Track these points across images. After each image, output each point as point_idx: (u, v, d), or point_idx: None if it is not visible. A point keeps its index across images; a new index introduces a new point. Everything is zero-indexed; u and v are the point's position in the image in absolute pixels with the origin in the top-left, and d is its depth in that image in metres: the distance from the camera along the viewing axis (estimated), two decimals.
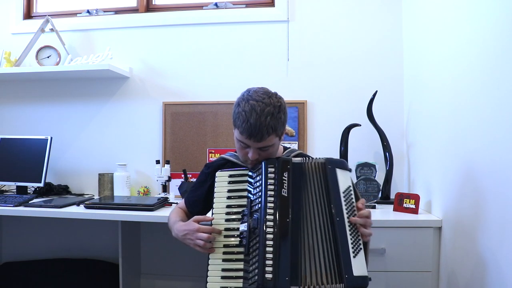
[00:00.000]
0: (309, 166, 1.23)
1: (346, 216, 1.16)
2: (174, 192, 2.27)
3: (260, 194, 1.17)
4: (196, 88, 2.45)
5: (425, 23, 1.94)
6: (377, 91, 2.16)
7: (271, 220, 1.12)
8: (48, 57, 2.46)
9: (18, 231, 2.55)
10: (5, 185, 2.41)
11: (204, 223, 1.23)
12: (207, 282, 1.16)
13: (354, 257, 1.11)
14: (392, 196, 2.09)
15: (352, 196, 1.21)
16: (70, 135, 2.54)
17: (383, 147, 2.12)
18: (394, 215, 1.80)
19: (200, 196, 1.45)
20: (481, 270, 1.31)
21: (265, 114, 1.18)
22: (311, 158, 1.27)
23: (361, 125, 2.17)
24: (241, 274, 1.13)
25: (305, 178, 1.21)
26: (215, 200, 1.26)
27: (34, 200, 2.09)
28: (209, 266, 1.17)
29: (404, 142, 2.26)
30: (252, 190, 1.22)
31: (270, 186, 1.17)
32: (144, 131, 2.48)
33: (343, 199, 1.18)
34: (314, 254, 1.11)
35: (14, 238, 2.56)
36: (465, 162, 1.46)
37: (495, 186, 1.23)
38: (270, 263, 1.07)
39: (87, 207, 1.92)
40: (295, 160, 1.25)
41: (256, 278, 1.06)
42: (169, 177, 2.29)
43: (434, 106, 1.79)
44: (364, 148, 2.28)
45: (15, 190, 2.34)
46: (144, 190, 2.37)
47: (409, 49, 2.20)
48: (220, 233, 1.20)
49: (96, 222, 2.22)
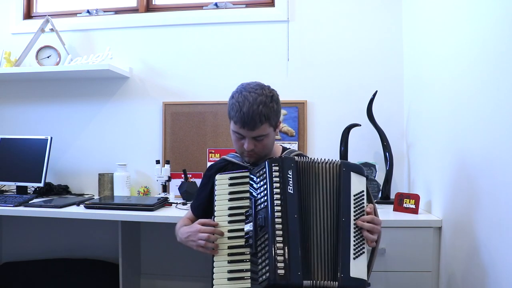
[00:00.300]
0: (322, 166, 1.22)
1: (353, 218, 1.16)
2: (174, 192, 2.27)
3: (265, 192, 1.17)
4: (196, 88, 2.45)
5: (425, 23, 1.94)
6: (377, 91, 2.16)
7: (279, 216, 1.13)
8: (48, 57, 2.46)
9: (18, 231, 2.55)
10: (5, 185, 2.41)
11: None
12: (213, 285, 1.16)
13: (354, 258, 1.11)
14: (392, 196, 2.08)
15: (363, 201, 1.21)
16: (70, 135, 2.54)
17: (383, 147, 2.12)
18: (394, 215, 1.80)
19: (203, 199, 1.45)
20: (481, 270, 1.31)
21: (257, 103, 1.23)
22: (326, 159, 1.26)
23: (361, 125, 2.17)
24: (248, 274, 1.13)
25: (316, 177, 1.21)
26: (216, 203, 1.26)
27: (34, 200, 2.09)
28: (214, 268, 1.17)
29: (404, 142, 2.26)
30: (255, 190, 1.22)
31: (276, 183, 1.17)
32: (144, 131, 2.48)
33: (353, 202, 1.18)
34: (320, 250, 1.12)
35: (14, 238, 2.56)
36: (465, 162, 1.46)
37: (495, 186, 1.23)
38: (281, 259, 1.07)
39: (87, 207, 1.92)
40: (303, 159, 1.25)
41: (268, 275, 1.06)
42: (169, 177, 2.29)
43: (434, 106, 1.79)
44: (364, 148, 2.28)
45: (15, 190, 2.34)
46: (144, 190, 2.37)
47: (409, 49, 2.20)
48: (222, 234, 1.20)
49: (96, 222, 2.22)
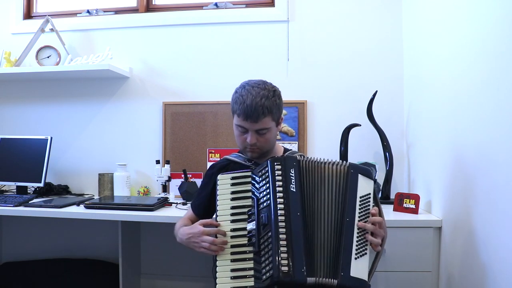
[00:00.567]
0: (329, 167, 1.23)
1: (357, 219, 1.17)
2: (174, 192, 2.27)
3: (268, 191, 1.18)
4: (196, 88, 2.45)
5: (425, 23, 1.94)
6: (377, 91, 2.15)
7: (282, 214, 1.13)
8: (48, 57, 2.45)
9: (18, 231, 2.55)
10: (5, 185, 2.41)
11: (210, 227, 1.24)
12: (217, 284, 1.16)
13: (356, 258, 1.12)
14: (392, 196, 2.08)
15: (369, 203, 1.21)
16: (70, 135, 2.54)
17: (383, 147, 2.12)
18: (394, 215, 1.80)
19: (204, 198, 1.45)
20: (481, 270, 1.31)
21: (260, 96, 1.27)
22: (334, 160, 1.27)
23: (361, 125, 2.17)
24: (251, 273, 1.14)
25: (322, 177, 1.22)
26: (219, 203, 1.26)
27: (34, 200, 2.09)
28: (217, 268, 1.18)
29: (404, 142, 2.26)
30: (257, 189, 1.22)
31: (278, 182, 1.18)
32: (144, 131, 2.48)
33: (359, 203, 1.19)
34: (322, 248, 1.13)
35: (14, 238, 2.56)
36: (465, 162, 1.46)
37: (495, 186, 1.23)
38: (285, 256, 1.07)
39: (87, 207, 1.91)
40: (309, 158, 1.25)
41: (271, 272, 1.06)
42: (169, 177, 2.29)
43: (434, 106, 1.79)
44: (364, 148, 2.28)
45: (15, 190, 2.34)
46: (144, 190, 2.37)
47: (409, 49, 2.20)
48: (225, 234, 1.21)
49: (96, 222, 2.22)
